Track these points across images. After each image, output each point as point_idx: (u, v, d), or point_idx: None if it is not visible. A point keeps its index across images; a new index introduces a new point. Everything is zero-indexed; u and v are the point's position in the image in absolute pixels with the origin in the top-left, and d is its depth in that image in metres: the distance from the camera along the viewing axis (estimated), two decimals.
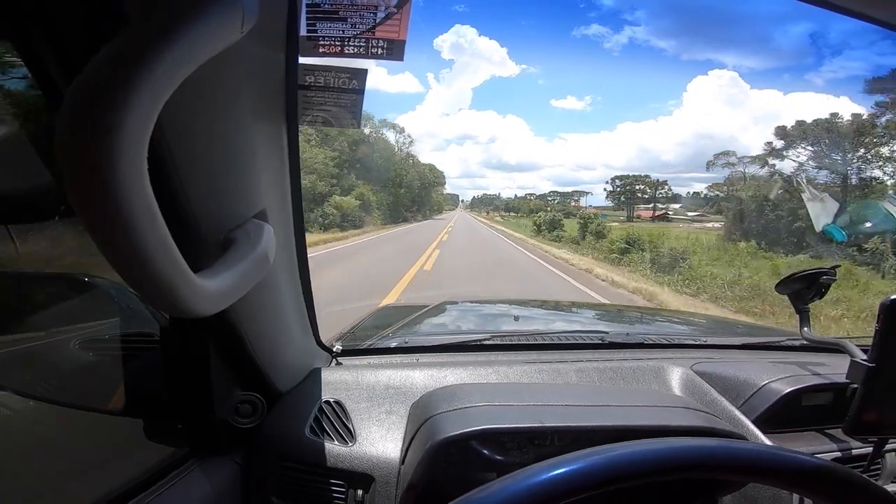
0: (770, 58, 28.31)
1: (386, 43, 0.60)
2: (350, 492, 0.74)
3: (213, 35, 0.35)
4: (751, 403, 0.90)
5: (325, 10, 0.59)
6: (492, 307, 1.88)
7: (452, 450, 0.68)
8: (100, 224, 0.32)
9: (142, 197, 0.32)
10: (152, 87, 0.30)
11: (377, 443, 0.78)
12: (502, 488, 0.38)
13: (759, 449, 0.50)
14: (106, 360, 0.80)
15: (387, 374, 0.90)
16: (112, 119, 0.29)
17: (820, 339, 1.03)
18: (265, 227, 0.56)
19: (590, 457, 0.40)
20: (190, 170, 0.48)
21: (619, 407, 0.75)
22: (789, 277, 1.04)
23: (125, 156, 0.30)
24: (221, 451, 0.75)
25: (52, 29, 0.40)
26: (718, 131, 35.32)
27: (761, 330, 1.88)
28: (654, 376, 0.95)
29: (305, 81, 0.63)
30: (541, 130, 57.38)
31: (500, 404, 0.72)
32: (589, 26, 42.17)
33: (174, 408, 0.71)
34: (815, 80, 27.38)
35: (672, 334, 1.31)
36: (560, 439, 0.72)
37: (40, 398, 0.77)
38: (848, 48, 22.25)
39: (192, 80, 0.34)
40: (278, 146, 0.64)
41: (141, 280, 0.35)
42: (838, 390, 0.88)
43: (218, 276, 0.44)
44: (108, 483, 0.63)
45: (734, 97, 33.55)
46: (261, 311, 0.69)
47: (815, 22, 22.25)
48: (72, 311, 0.81)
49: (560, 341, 1.12)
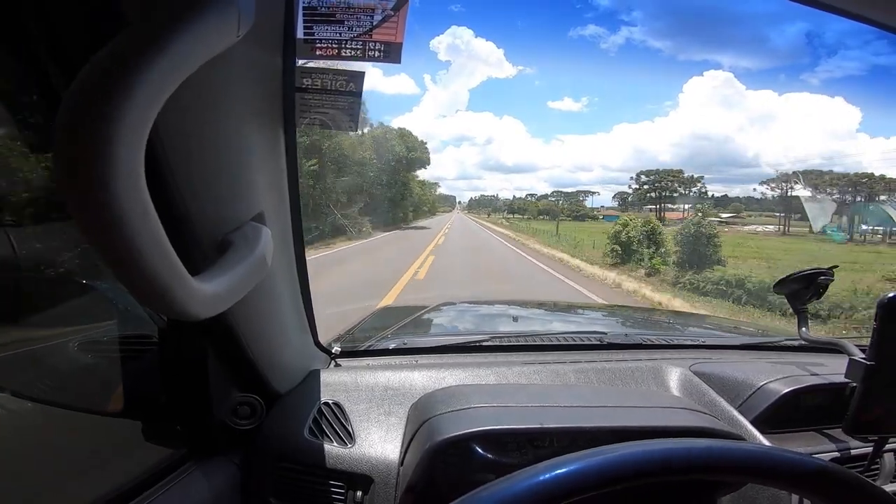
0: (766, 58, 28.38)
1: (383, 45, 0.61)
2: (349, 493, 0.75)
3: (210, 38, 0.35)
4: (749, 404, 0.90)
5: (321, 13, 0.59)
6: (490, 308, 1.88)
7: (451, 451, 0.68)
8: (96, 226, 0.32)
9: (138, 199, 0.32)
10: (149, 89, 0.31)
11: (376, 444, 0.78)
12: (505, 488, 0.38)
13: (758, 449, 0.50)
14: (104, 362, 0.80)
15: (386, 376, 0.90)
16: (108, 121, 0.29)
17: (818, 339, 1.03)
18: (263, 230, 0.56)
19: (591, 457, 0.40)
20: (187, 172, 0.48)
21: (617, 408, 0.75)
22: (787, 278, 1.04)
23: (121, 158, 0.30)
24: (220, 453, 0.75)
25: (51, 30, 0.40)
26: (714, 132, 35.38)
27: (759, 330, 1.88)
28: (652, 377, 0.95)
29: (303, 84, 0.63)
30: (537, 132, 57.57)
31: (499, 405, 0.72)
32: (585, 27, 42.23)
33: (173, 409, 0.71)
34: (811, 80, 27.36)
35: (670, 335, 1.31)
36: (559, 440, 0.72)
37: (39, 400, 0.77)
38: (843, 48, 22.36)
39: (189, 83, 0.34)
40: (276, 149, 0.65)
41: (137, 282, 0.35)
42: (837, 390, 0.88)
43: (215, 279, 0.44)
44: (107, 484, 0.63)
45: (729, 98, 33.66)
46: (259, 313, 0.69)
47: (811, 21, 22.38)
48: (70, 314, 0.81)
49: (559, 342, 1.12)
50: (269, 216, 0.60)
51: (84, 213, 0.31)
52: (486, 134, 60.95)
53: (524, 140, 60.99)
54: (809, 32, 24.88)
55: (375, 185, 18.12)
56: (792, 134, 42.25)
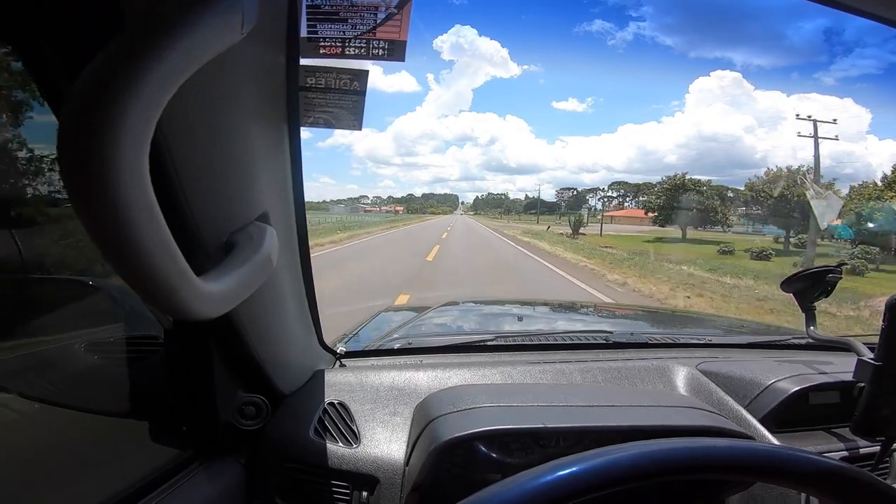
0: (781, 55, 27.86)
1: (387, 44, 0.60)
2: (354, 493, 0.74)
3: (213, 37, 0.35)
4: (757, 403, 0.89)
5: (325, 11, 0.59)
6: (494, 307, 1.88)
7: (457, 451, 0.68)
8: (101, 226, 0.32)
9: (143, 199, 0.32)
10: (152, 88, 0.30)
11: (381, 444, 0.78)
12: (511, 488, 0.38)
13: (770, 449, 0.49)
14: (110, 363, 0.80)
15: (391, 376, 0.90)
16: (112, 120, 0.29)
17: (826, 338, 1.02)
18: (268, 230, 0.56)
19: (598, 457, 0.40)
20: (191, 172, 0.48)
21: (624, 407, 0.74)
22: (794, 276, 1.03)
23: (125, 157, 0.30)
24: (226, 453, 0.75)
25: (54, 30, 0.40)
26: (722, 132, 34.81)
27: (766, 329, 1.87)
28: (658, 376, 0.94)
29: (306, 83, 0.63)
30: (542, 132, 57.50)
31: (505, 405, 0.71)
32: (592, 22, 41.73)
33: (178, 410, 0.71)
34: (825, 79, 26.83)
35: (676, 334, 1.30)
36: (565, 440, 0.71)
37: (46, 401, 0.78)
38: (860, 46, 21.85)
39: (193, 82, 0.34)
40: (280, 148, 0.64)
41: (142, 283, 0.35)
42: (845, 389, 0.87)
43: (220, 279, 0.44)
44: (113, 485, 0.63)
45: (737, 98, 33.14)
46: (264, 314, 0.69)
47: (831, 17, 21.78)
48: (76, 315, 0.82)
49: (564, 341, 1.12)
50: (273, 216, 0.60)
51: (89, 214, 0.31)
52: (489, 134, 61.12)
53: (528, 141, 61.09)
54: (828, 29, 24.39)
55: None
56: (800, 135, 41.57)
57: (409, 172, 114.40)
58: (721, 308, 7.52)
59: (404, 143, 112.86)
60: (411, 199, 61.65)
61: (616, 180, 43.52)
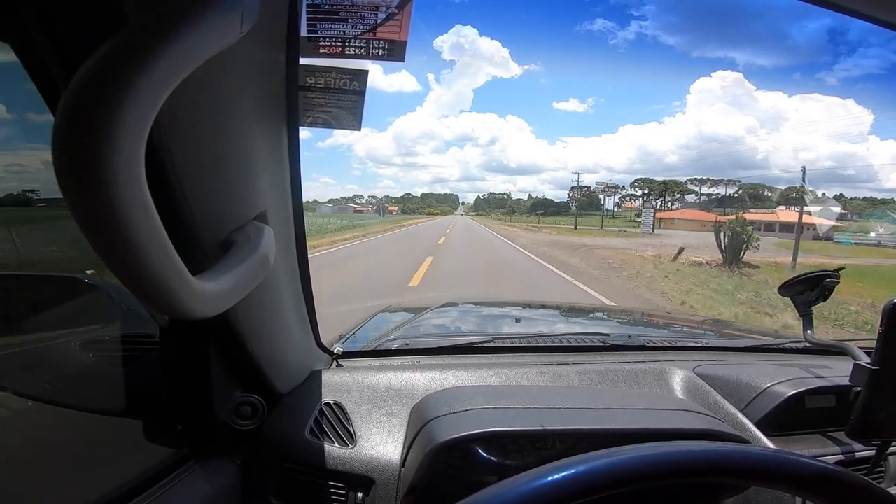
0: (784, 55, 27.80)
1: (387, 44, 0.60)
2: (350, 494, 0.74)
3: (212, 35, 0.34)
4: (753, 406, 0.89)
5: (325, 11, 0.59)
6: (492, 309, 1.88)
7: (453, 452, 0.68)
8: (97, 225, 0.31)
9: (139, 198, 0.32)
10: (150, 87, 0.30)
11: (377, 445, 0.78)
12: (507, 490, 0.38)
13: (764, 453, 0.49)
14: (106, 361, 0.80)
15: (387, 376, 0.90)
16: (109, 119, 0.29)
17: (823, 342, 1.02)
18: (265, 230, 0.56)
19: (596, 460, 0.40)
20: (188, 171, 0.47)
21: (620, 410, 0.74)
22: (792, 280, 1.04)
23: (122, 156, 0.30)
24: (222, 453, 0.75)
25: (52, 29, 0.40)
26: (724, 133, 34.76)
27: (763, 332, 1.87)
28: (656, 379, 0.94)
29: (306, 82, 0.63)
30: (542, 133, 57.51)
31: (502, 407, 0.71)
32: (594, 21, 41.55)
33: (174, 409, 0.71)
34: (828, 79, 26.73)
35: (674, 337, 1.30)
36: (561, 442, 0.71)
37: (40, 399, 0.77)
38: (863, 45, 21.74)
39: (191, 81, 0.34)
40: (279, 147, 0.64)
41: (139, 282, 0.35)
42: (841, 393, 0.88)
43: (217, 279, 0.44)
44: (108, 484, 0.62)
45: (739, 98, 33.11)
46: (261, 313, 0.69)
47: (835, 17, 21.67)
48: (72, 313, 0.81)
49: (561, 343, 1.12)
50: (271, 215, 0.60)
51: (84, 212, 0.31)
52: (489, 134, 61.09)
53: (528, 141, 61.12)
54: (832, 29, 24.23)
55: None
56: (803, 135, 41.53)
57: (410, 172, 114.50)
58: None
59: (404, 144, 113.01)
60: (409, 199, 61.50)
61: (639, 177, 38.92)
